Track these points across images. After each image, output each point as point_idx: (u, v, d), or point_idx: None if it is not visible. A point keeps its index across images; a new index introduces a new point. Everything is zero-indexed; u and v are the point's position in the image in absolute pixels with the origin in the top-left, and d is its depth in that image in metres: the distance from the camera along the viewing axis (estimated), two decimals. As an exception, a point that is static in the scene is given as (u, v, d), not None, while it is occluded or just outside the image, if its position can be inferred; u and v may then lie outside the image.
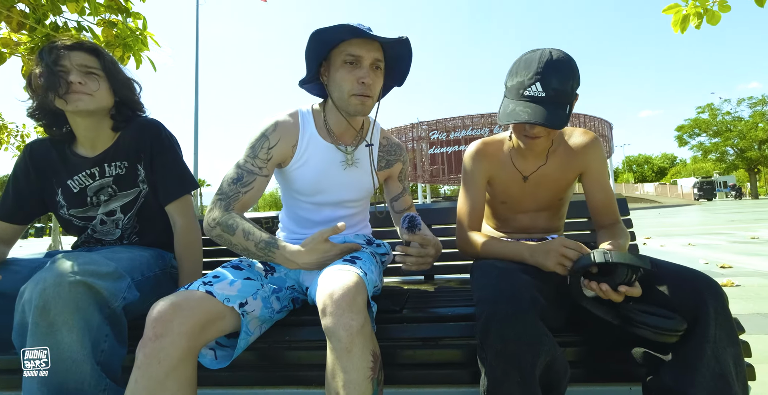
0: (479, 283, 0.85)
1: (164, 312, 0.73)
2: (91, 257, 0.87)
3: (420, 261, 0.92)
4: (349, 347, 0.70)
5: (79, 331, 0.78)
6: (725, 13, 1.88)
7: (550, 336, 0.73)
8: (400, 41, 0.95)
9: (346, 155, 1.06)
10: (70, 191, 1.10)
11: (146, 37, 2.12)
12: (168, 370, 0.69)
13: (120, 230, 1.14)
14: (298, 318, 1.00)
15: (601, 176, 1.05)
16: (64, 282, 0.78)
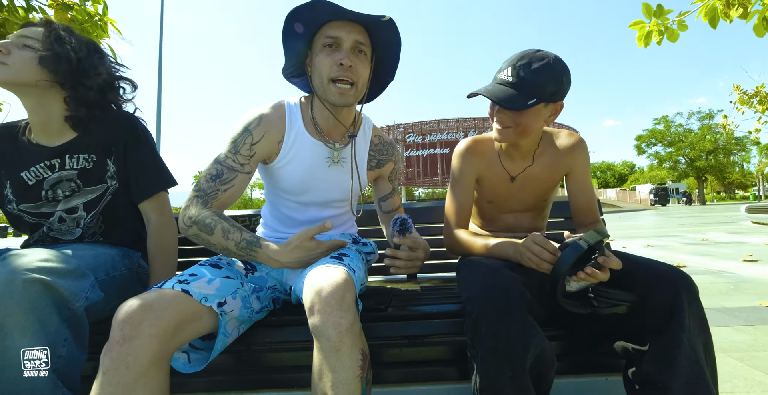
0: (467, 281, 0.84)
1: (133, 313, 0.66)
2: (49, 253, 0.79)
3: (409, 265, 0.90)
4: (338, 345, 0.68)
5: (33, 334, 0.70)
6: (683, 31, 2.02)
7: (538, 329, 0.74)
8: (384, 23, 0.86)
9: (332, 152, 0.99)
10: (23, 184, 0.98)
11: (106, 23, 1.96)
12: (137, 376, 0.63)
13: (81, 230, 1.03)
14: (279, 319, 0.96)
15: (585, 178, 1.08)
16: (16, 280, 0.69)
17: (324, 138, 0.99)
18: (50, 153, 0.99)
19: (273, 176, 1.03)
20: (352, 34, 0.87)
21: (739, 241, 5.32)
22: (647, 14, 2.04)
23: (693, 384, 0.69)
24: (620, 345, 0.82)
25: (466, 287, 0.82)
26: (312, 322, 0.70)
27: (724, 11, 1.89)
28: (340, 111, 0.97)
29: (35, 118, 0.98)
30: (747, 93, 7.30)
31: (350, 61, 0.86)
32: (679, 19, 2.01)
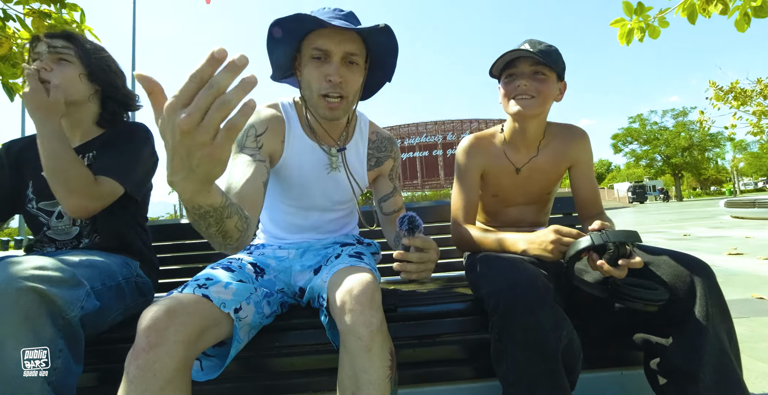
0: (487, 276, 0.83)
1: (158, 319, 0.64)
2: (43, 261, 0.76)
3: (421, 268, 0.75)
4: (370, 345, 0.67)
5: (28, 345, 0.68)
6: (664, 28, 2.07)
7: (568, 319, 0.74)
8: (378, 30, 0.80)
9: (330, 158, 0.97)
10: (43, 182, 0.97)
11: (84, 31, 1.94)
12: (163, 384, 0.61)
13: (78, 228, 1.02)
14: (287, 323, 0.93)
15: (589, 169, 1.09)
16: (10, 289, 0.67)
17: (319, 141, 0.96)
18: None
19: (276, 181, 1.00)
20: (342, 46, 0.81)
21: (721, 235, 5.47)
22: (628, 12, 2.09)
23: (721, 372, 0.69)
24: (640, 337, 0.82)
25: (488, 282, 0.81)
26: (342, 321, 0.69)
27: (703, 7, 1.95)
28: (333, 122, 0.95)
29: (65, 124, 1.01)
30: (722, 89, 7.59)
31: (339, 77, 0.81)
32: (660, 16, 2.06)
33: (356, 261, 0.82)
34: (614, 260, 0.75)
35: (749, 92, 7.78)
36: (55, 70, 0.94)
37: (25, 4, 1.79)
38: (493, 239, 0.96)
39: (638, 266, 0.74)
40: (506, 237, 0.94)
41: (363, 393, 0.65)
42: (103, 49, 1.05)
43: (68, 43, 0.97)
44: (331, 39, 0.80)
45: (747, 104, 7.85)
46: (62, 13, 1.91)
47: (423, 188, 30.01)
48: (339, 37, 0.80)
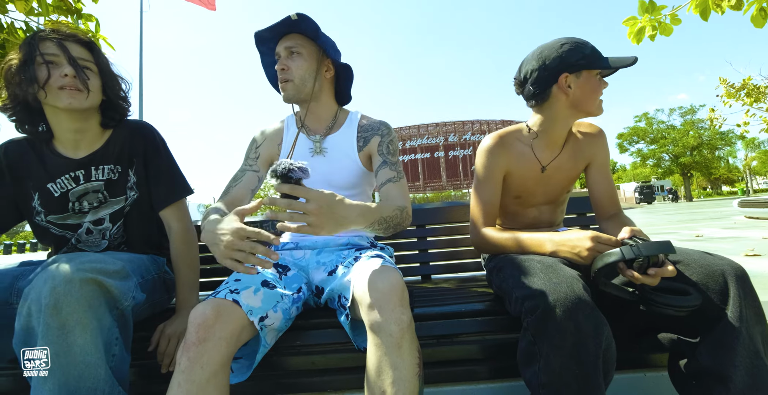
0: (520, 278, 0.82)
1: (207, 317, 0.72)
2: (95, 255, 0.80)
3: (296, 218, 0.66)
4: (400, 342, 0.68)
5: (93, 332, 0.71)
6: (676, 25, 2.05)
7: (607, 324, 0.72)
8: (296, 21, 0.98)
9: (314, 143, 1.07)
10: (49, 196, 0.98)
11: (98, 40, 2.00)
12: (209, 376, 0.68)
13: (107, 241, 1.04)
14: (307, 322, 0.94)
15: (606, 167, 1.09)
16: (74, 279, 0.71)
17: (311, 133, 1.10)
18: (75, 164, 0.99)
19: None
20: (283, 44, 1.03)
21: (736, 236, 5.34)
22: (642, 11, 2.07)
23: (754, 375, 0.68)
24: (666, 338, 0.81)
25: (521, 284, 0.80)
26: (372, 318, 0.71)
27: (717, 3, 1.92)
28: (310, 108, 1.08)
29: (73, 134, 0.98)
30: (734, 86, 7.41)
31: (281, 65, 1.02)
32: (672, 13, 2.04)
33: (381, 261, 0.85)
34: (645, 268, 0.74)
35: (763, 88, 7.59)
36: (80, 79, 0.92)
37: (46, 15, 1.84)
38: (517, 241, 0.95)
39: (671, 275, 0.73)
40: (531, 238, 0.92)
41: (393, 390, 0.66)
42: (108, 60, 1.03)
43: (88, 51, 0.97)
44: (280, 43, 1.03)
45: (761, 100, 7.66)
46: (78, 23, 1.97)
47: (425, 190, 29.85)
48: (284, 39, 1.03)
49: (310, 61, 1.03)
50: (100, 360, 0.71)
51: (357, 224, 0.74)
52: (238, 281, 0.84)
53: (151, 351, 0.91)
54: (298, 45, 1.02)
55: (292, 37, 1.02)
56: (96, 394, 0.70)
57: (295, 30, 1.02)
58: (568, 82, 0.96)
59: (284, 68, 1.01)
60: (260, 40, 1.05)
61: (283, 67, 1.01)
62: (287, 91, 1.03)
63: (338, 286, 0.89)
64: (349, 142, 1.07)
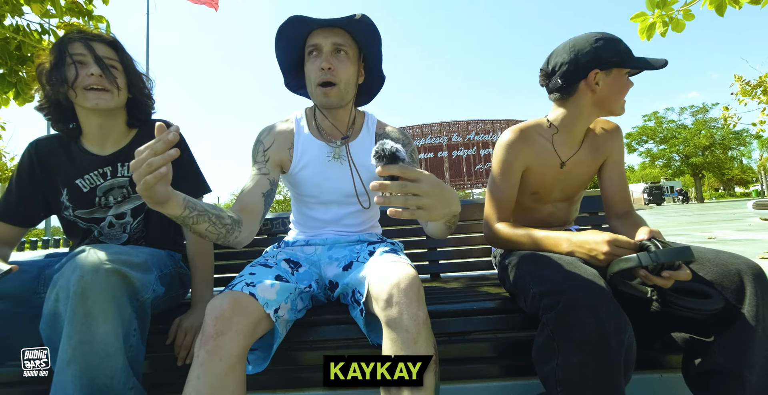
0: (538, 274, 0.81)
1: (224, 310, 0.72)
2: (121, 247, 0.82)
3: (413, 201, 0.60)
4: (416, 337, 0.69)
5: (114, 322, 0.73)
6: (689, 21, 2.01)
7: (629, 323, 0.72)
8: (358, 21, 0.89)
9: (334, 149, 1.02)
10: (78, 191, 1.02)
11: None
12: (227, 369, 0.69)
13: (127, 235, 1.07)
14: (319, 318, 0.96)
15: (621, 164, 1.07)
16: (101, 269, 0.73)
17: (327, 139, 1.03)
18: (102, 161, 1.02)
19: (294, 184, 1.07)
20: (329, 38, 0.91)
21: (751, 238, 5.22)
22: (651, 6, 2.04)
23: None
24: (680, 337, 0.80)
25: (539, 280, 0.79)
26: (389, 314, 0.71)
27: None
28: (335, 113, 1.01)
29: (101, 131, 1.02)
30: (750, 84, 7.19)
31: (329, 64, 0.90)
32: (685, 8, 2.00)
33: (396, 257, 0.84)
34: (659, 270, 0.73)
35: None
36: (105, 79, 0.94)
37: (59, 17, 1.89)
38: (533, 239, 0.94)
39: (685, 279, 0.72)
40: (548, 236, 0.92)
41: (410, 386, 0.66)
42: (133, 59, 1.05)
43: (113, 50, 0.99)
44: (321, 34, 0.91)
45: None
46: (89, 24, 2.02)
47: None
48: (327, 32, 0.91)
49: (355, 64, 0.95)
50: (119, 350, 0.73)
51: (458, 206, 0.68)
52: (253, 274, 0.85)
53: (168, 344, 0.93)
54: (348, 44, 0.92)
55: (341, 33, 0.92)
56: (113, 382, 0.72)
57: (346, 27, 0.92)
58: (597, 79, 0.94)
59: (331, 68, 0.90)
60: (293, 23, 0.91)
61: (330, 66, 0.90)
62: (330, 97, 0.92)
63: (353, 281, 0.90)
64: (366, 149, 1.03)
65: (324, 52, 0.91)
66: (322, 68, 0.90)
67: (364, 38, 0.95)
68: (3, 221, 1.00)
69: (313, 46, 0.92)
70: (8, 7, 1.77)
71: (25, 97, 2.08)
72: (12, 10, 1.79)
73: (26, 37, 1.87)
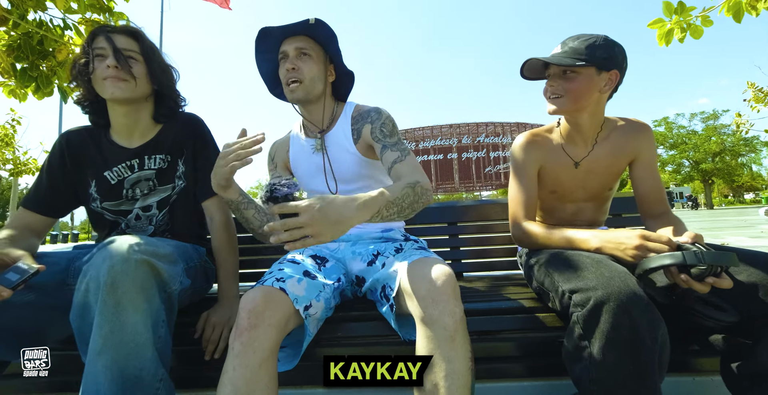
0: (567, 272, 0.81)
1: (257, 304, 0.74)
2: (149, 238, 0.82)
3: (297, 234, 0.65)
4: (454, 335, 0.68)
5: (143, 312, 0.73)
6: (708, 27, 1.99)
7: (663, 320, 0.71)
8: (313, 26, 0.98)
9: (316, 141, 1.09)
10: (106, 183, 1.03)
11: None
12: (261, 361, 0.70)
13: (153, 227, 1.07)
14: (347, 314, 0.95)
15: (652, 163, 1.06)
16: (130, 260, 0.73)
17: (311, 134, 1.12)
18: (130, 154, 1.03)
19: (299, 180, 1.15)
20: (293, 44, 1.01)
21: (765, 245, 5.10)
22: (668, 12, 2.01)
23: None
24: (718, 339, 0.79)
25: (569, 278, 0.79)
26: (425, 311, 0.71)
27: (751, 4, 1.86)
28: (309, 109, 1.07)
29: (127, 122, 1.03)
30: (763, 90, 7.16)
31: (292, 65, 0.99)
32: (703, 14, 1.98)
33: (427, 253, 0.85)
34: (703, 277, 0.71)
35: (794, 94, 7.32)
36: (123, 69, 0.95)
37: (82, 13, 1.91)
38: (561, 236, 0.94)
39: (727, 287, 0.70)
40: (576, 234, 0.92)
41: (447, 383, 0.66)
42: (157, 49, 1.05)
43: (130, 39, 0.99)
44: (287, 42, 1.02)
45: (792, 105, 7.38)
46: (110, 21, 2.04)
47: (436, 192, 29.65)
48: (291, 40, 1.01)
49: (319, 64, 1.03)
50: (148, 341, 0.73)
51: (361, 217, 0.71)
52: (281, 270, 0.86)
53: (197, 338, 0.93)
54: (309, 48, 1.02)
55: (303, 39, 1.02)
56: (142, 374, 0.72)
57: (307, 33, 1.02)
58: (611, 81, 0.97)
59: (294, 68, 1.00)
60: (264, 36, 1.02)
61: (293, 66, 0.99)
62: (296, 92, 1.01)
63: (382, 276, 0.90)
64: (345, 135, 1.07)
65: (290, 56, 1.01)
66: (287, 69, 1.00)
67: (324, 39, 1.03)
68: (33, 210, 1.01)
69: (282, 53, 1.02)
70: (32, 2, 1.80)
71: (45, 92, 2.10)
72: (36, 5, 1.82)
73: (48, 32, 1.90)
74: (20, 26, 1.84)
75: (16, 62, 1.96)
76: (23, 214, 1.00)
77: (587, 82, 0.96)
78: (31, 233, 0.98)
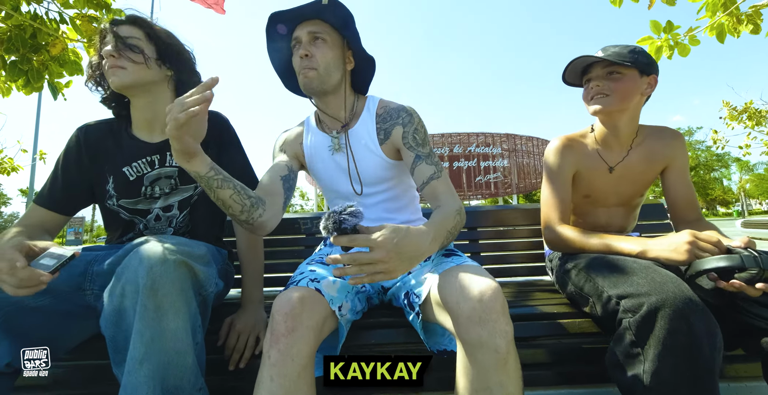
0: (612, 277, 0.79)
1: (294, 306, 0.68)
2: (180, 238, 0.77)
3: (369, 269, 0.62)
4: (506, 357, 0.61)
5: (184, 317, 0.67)
6: (694, 46, 2.06)
7: (719, 326, 0.69)
8: (327, 6, 0.89)
9: (332, 139, 0.99)
10: (124, 179, 0.96)
11: None
12: (300, 369, 0.64)
13: (172, 229, 1.01)
14: (377, 320, 0.91)
15: (685, 170, 1.07)
16: (168, 261, 0.67)
17: (328, 131, 1.02)
18: (151, 149, 0.97)
19: (314, 178, 1.07)
20: (306, 29, 0.91)
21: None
22: (656, 30, 2.09)
23: None
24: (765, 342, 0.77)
25: (615, 283, 0.77)
26: (472, 332, 0.63)
27: (734, 26, 1.95)
28: (327, 101, 0.98)
29: (143, 115, 0.98)
30: (736, 109, 7.60)
31: (306, 51, 0.90)
32: (690, 33, 2.06)
33: (461, 259, 0.78)
34: (750, 281, 0.70)
35: (764, 113, 7.81)
36: (122, 56, 0.90)
37: (79, 8, 1.85)
38: (599, 241, 0.92)
39: None
40: (615, 238, 0.90)
41: None
42: (172, 35, 1.01)
43: (134, 27, 0.94)
44: (299, 28, 0.92)
45: (761, 124, 7.87)
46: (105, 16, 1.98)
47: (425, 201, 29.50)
48: (304, 25, 0.92)
49: (335, 50, 0.94)
50: (189, 348, 0.67)
51: (432, 251, 0.67)
52: (313, 271, 0.81)
53: (220, 345, 0.86)
54: (324, 32, 0.92)
55: (317, 22, 0.92)
56: (182, 383, 0.66)
57: (320, 16, 0.92)
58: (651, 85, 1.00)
59: (308, 54, 0.90)
60: (275, 22, 0.93)
61: (306, 53, 0.90)
62: (310, 80, 0.92)
63: (408, 284, 0.85)
64: (368, 135, 0.98)
65: (303, 42, 0.92)
66: (300, 56, 0.91)
67: (339, 22, 0.93)
68: (48, 208, 0.93)
69: (294, 39, 0.93)
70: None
71: (35, 86, 2.01)
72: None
73: (43, 24, 1.82)
74: (13, 18, 1.76)
75: (5, 55, 1.87)
76: (36, 211, 0.93)
77: (632, 83, 0.99)
78: (44, 231, 0.91)
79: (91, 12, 1.92)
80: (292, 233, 1.41)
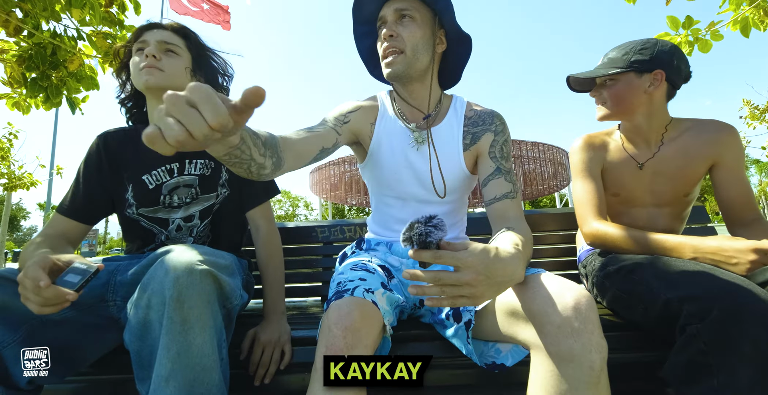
0: (669, 279, 0.73)
1: (355, 319, 0.61)
2: (205, 247, 0.73)
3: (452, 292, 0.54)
4: (599, 375, 0.54)
5: (210, 331, 0.63)
6: (717, 41, 1.98)
7: None
8: None
9: (414, 134, 0.89)
10: (143, 188, 0.94)
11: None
12: (356, 392, 0.57)
13: (192, 238, 0.98)
14: (408, 333, 0.85)
15: (737, 168, 0.97)
16: (195, 271, 0.63)
17: (407, 122, 0.92)
18: (170, 157, 0.95)
19: (371, 168, 0.95)
20: (392, 5, 0.83)
21: None
22: (674, 27, 2.02)
23: None
24: None
25: (674, 285, 0.71)
26: (562, 343, 0.55)
27: (761, 19, 1.87)
28: (411, 89, 0.89)
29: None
30: (758, 108, 7.35)
31: (390, 31, 0.82)
32: (714, 29, 1.98)
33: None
34: None
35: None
36: (162, 59, 0.90)
37: (98, 24, 1.90)
38: (648, 239, 0.86)
39: None
40: (667, 239, 0.84)
41: None
42: (210, 48, 1.02)
43: (177, 36, 0.95)
44: (386, 6, 0.84)
45: (785, 123, 7.59)
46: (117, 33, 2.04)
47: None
48: (392, 1, 0.84)
49: (425, 29, 0.83)
50: (215, 363, 0.63)
51: (520, 277, 0.59)
52: (364, 280, 0.73)
53: (242, 359, 0.82)
54: (413, 8, 0.82)
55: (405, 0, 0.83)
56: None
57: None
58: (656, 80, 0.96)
59: (393, 35, 0.81)
60: (360, 2, 0.86)
61: (391, 33, 0.81)
62: (396, 65, 0.82)
63: None
64: (454, 138, 0.89)
65: (388, 22, 0.84)
66: (384, 38, 0.83)
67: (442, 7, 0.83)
68: (70, 217, 0.91)
69: (380, 19, 0.85)
70: (47, 13, 1.77)
71: (54, 102, 2.06)
72: (50, 15, 1.79)
73: (62, 42, 1.87)
74: (34, 36, 1.80)
75: (26, 72, 1.92)
76: (58, 220, 0.91)
77: (626, 87, 0.99)
78: (67, 241, 0.89)
79: (106, 29, 1.98)
80: (309, 241, 1.37)
